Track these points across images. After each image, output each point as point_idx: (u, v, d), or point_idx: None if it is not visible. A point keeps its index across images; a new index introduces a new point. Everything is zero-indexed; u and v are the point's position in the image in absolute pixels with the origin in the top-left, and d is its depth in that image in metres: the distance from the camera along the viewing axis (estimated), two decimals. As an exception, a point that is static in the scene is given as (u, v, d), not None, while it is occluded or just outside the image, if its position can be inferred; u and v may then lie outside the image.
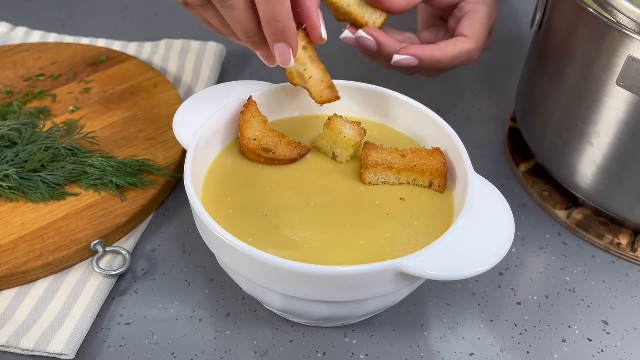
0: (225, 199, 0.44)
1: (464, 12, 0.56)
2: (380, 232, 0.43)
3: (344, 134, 0.46)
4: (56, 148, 0.55)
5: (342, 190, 0.46)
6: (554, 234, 0.55)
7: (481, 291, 0.50)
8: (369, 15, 0.52)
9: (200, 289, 0.49)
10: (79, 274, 0.49)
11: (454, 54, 0.52)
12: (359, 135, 0.47)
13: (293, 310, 0.43)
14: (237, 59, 0.73)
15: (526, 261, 0.52)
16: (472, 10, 0.56)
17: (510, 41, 0.78)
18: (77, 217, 0.51)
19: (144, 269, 0.50)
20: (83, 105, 0.62)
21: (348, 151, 0.47)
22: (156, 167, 0.55)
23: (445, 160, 0.46)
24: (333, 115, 0.47)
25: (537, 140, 0.56)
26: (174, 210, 0.55)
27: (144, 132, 0.60)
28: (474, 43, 0.53)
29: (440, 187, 0.46)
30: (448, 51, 0.52)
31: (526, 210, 0.57)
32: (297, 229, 0.42)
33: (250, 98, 0.49)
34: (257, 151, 0.47)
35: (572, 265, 0.52)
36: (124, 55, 0.69)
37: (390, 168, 0.46)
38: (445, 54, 0.52)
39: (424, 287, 0.49)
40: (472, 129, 0.65)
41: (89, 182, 0.53)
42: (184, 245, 0.52)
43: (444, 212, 0.44)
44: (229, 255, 0.40)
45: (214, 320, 0.47)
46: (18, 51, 0.69)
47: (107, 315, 0.47)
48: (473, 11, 0.55)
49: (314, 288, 0.39)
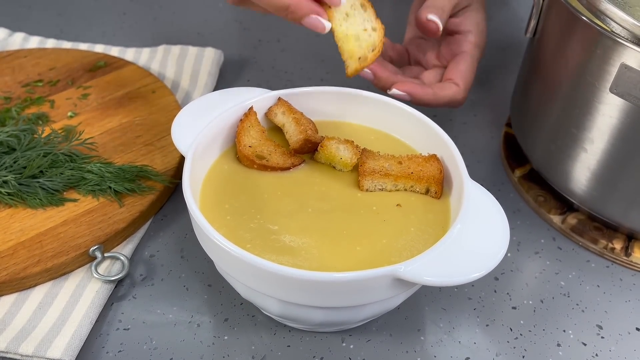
0: (223, 206, 0.45)
1: (459, 50, 0.57)
2: (377, 238, 0.43)
3: (340, 156, 0.47)
4: (55, 154, 0.55)
5: (339, 197, 0.46)
6: (549, 239, 0.55)
7: (477, 296, 0.50)
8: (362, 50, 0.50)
9: (198, 294, 0.49)
10: (78, 279, 0.49)
11: (444, 101, 0.55)
12: (355, 155, 0.47)
13: (291, 316, 0.43)
14: (235, 64, 0.74)
15: (522, 266, 0.53)
16: (467, 52, 0.57)
17: (506, 47, 0.78)
18: (75, 223, 0.51)
19: (142, 274, 0.51)
20: (81, 111, 0.63)
21: (347, 168, 0.47)
22: (154, 173, 0.56)
23: (441, 167, 0.47)
24: (325, 139, 0.47)
25: (532, 146, 0.57)
26: (172, 216, 0.56)
27: (142, 138, 0.60)
28: (464, 93, 0.56)
29: (437, 193, 0.46)
30: (439, 96, 0.55)
31: (521, 215, 0.57)
32: (295, 235, 0.43)
33: (251, 108, 0.50)
34: (251, 157, 0.47)
35: (567, 270, 0.53)
36: (122, 61, 0.69)
37: (387, 175, 0.46)
38: (437, 99, 0.55)
39: (420, 292, 0.50)
40: (468, 135, 0.65)
41: (88, 188, 0.54)
42: (182, 251, 0.53)
43: (440, 218, 0.45)
44: (227, 261, 0.41)
45: (212, 326, 0.47)
46: (16, 57, 0.69)
47: (105, 321, 0.47)
48: (467, 54, 0.57)
49: (312, 294, 0.39)
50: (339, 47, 0.48)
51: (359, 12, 0.48)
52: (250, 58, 0.76)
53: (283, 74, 0.73)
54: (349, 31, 0.48)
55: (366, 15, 0.48)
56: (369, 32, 0.47)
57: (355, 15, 0.47)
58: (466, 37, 0.57)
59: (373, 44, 0.47)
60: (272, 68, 0.74)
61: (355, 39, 0.47)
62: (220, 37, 0.78)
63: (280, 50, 0.77)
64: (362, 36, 0.47)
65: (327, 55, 0.74)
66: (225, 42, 0.77)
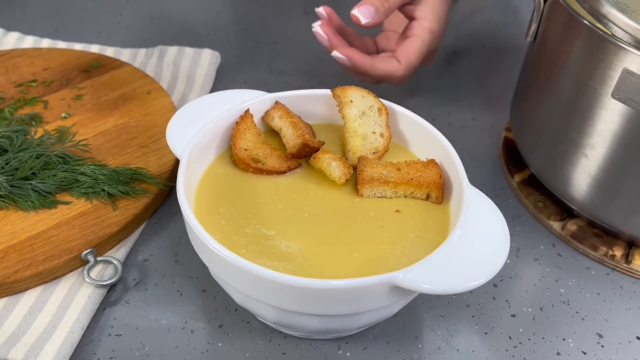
0: (218, 210, 0.44)
1: (410, 32, 0.59)
2: (375, 244, 0.42)
3: (330, 172, 0.46)
4: (48, 156, 0.54)
5: (336, 202, 0.45)
6: (549, 246, 0.55)
7: (475, 303, 0.50)
8: None
9: (192, 300, 0.48)
10: (70, 284, 0.48)
11: (382, 73, 0.58)
12: (344, 175, 0.46)
13: (286, 323, 0.42)
14: (232, 66, 0.73)
15: (521, 273, 0.52)
16: (417, 35, 0.59)
17: (506, 50, 0.78)
18: (68, 226, 0.51)
19: (135, 279, 0.50)
20: (75, 112, 0.62)
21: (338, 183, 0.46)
22: (149, 176, 0.55)
23: (441, 171, 0.46)
24: (320, 152, 0.46)
25: (532, 151, 0.56)
26: (167, 219, 0.55)
27: (137, 139, 0.59)
28: (403, 71, 0.58)
29: (438, 199, 0.45)
30: (377, 68, 0.57)
31: (521, 221, 0.57)
32: (291, 241, 0.42)
33: (247, 111, 0.49)
34: (247, 160, 0.46)
35: (567, 277, 0.52)
36: (117, 61, 0.69)
37: (386, 182, 0.46)
38: (374, 69, 0.57)
39: (418, 299, 0.49)
40: (467, 139, 0.65)
41: (81, 191, 0.53)
42: (176, 255, 0.52)
43: (440, 224, 0.44)
44: (222, 267, 0.40)
45: (206, 332, 0.46)
46: (10, 57, 0.68)
47: (97, 327, 0.47)
48: (417, 37, 0.59)
49: (308, 301, 0.39)
50: (344, 139, 0.49)
51: (374, 114, 0.49)
52: (247, 60, 0.75)
53: (280, 76, 0.72)
54: (360, 129, 0.49)
55: (379, 119, 0.49)
56: (376, 136, 0.49)
57: (370, 116, 0.49)
58: (420, 23, 0.59)
59: (376, 148, 0.49)
60: (270, 70, 0.73)
61: (363, 137, 0.48)
62: (217, 39, 0.77)
63: (277, 51, 0.76)
64: (369, 137, 0.49)
65: (325, 57, 0.74)
66: (223, 44, 0.76)
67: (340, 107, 0.49)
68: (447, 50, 0.77)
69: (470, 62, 0.76)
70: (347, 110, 0.49)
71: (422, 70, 0.72)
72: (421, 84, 0.72)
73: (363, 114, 0.49)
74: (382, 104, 0.49)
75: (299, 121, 0.49)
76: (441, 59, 0.75)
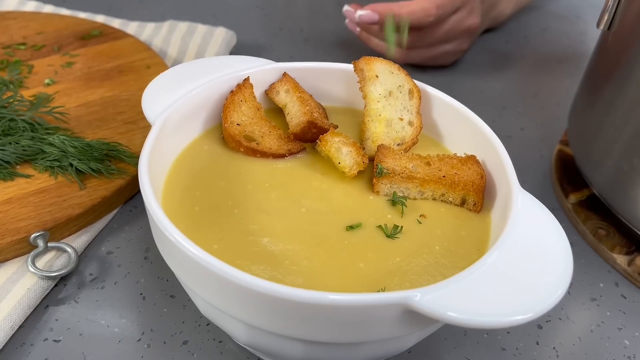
0: (193, 193, 0.35)
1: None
2: (388, 254, 0.32)
3: (338, 160, 0.36)
4: (13, 120, 0.46)
5: (343, 198, 0.36)
6: (611, 284, 0.44)
7: (513, 347, 0.39)
8: None
9: (157, 306, 0.39)
10: (10, 272, 0.40)
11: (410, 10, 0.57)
12: (357, 165, 0.36)
13: (261, 347, 0.32)
14: (248, 50, 0.66)
15: (573, 314, 0.41)
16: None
17: (564, 59, 0.69)
18: (21, 203, 0.42)
19: (92, 274, 0.41)
20: (62, 80, 0.54)
21: (347, 175, 0.36)
22: (128, 154, 0.46)
23: (482, 171, 0.36)
24: (329, 133, 0.37)
25: (595, 167, 0.46)
26: (144, 208, 0.46)
27: (125, 115, 0.51)
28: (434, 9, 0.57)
29: (476, 205, 0.35)
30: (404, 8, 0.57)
31: (575, 251, 0.45)
32: (279, 239, 0.32)
33: (247, 79, 0.40)
34: (238, 138, 0.37)
35: (633, 326, 0.41)
36: (120, 32, 0.61)
37: (411, 179, 0.36)
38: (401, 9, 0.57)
39: (440, 333, 0.39)
40: (512, 151, 0.54)
41: (45, 164, 0.44)
42: (146, 251, 0.43)
43: (476, 237, 0.34)
44: (182, 265, 0.30)
45: (165, 349, 0.37)
46: (4, 18, 0.62)
47: (34, 327, 0.37)
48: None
49: (291, 320, 0.29)
50: (364, 123, 0.39)
51: (404, 97, 0.39)
52: (267, 45, 0.67)
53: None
54: (384, 112, 0.39)
55: (409, 104, 0.39)
56: (403, 123, 0.39)
57: (398, 97, 0.39)
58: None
59: (402, 139, 0.39)
60: (290, 57, 0.65)
61: (387, 123, 0.39)
62: (237, 21, 0.70)
63: (303, 40, 0.68)
64: (395, 124, 0.39)
65: (355, 47, 0.65)
66: (242, 27, 0.68)
67: (363, 83, 0.39)
68: (495, 53, 0.68)
69: (521, 69, 0.67)
70: (371, 88, 0.39)
71: (466, 71, 0.63)
72: (464, 86, 0.62)
73: (390, 95, 0.39)
74: (414, 84, 0.39)
75: (309, 98, 0.40)
76: (487, 62, 0.66)
